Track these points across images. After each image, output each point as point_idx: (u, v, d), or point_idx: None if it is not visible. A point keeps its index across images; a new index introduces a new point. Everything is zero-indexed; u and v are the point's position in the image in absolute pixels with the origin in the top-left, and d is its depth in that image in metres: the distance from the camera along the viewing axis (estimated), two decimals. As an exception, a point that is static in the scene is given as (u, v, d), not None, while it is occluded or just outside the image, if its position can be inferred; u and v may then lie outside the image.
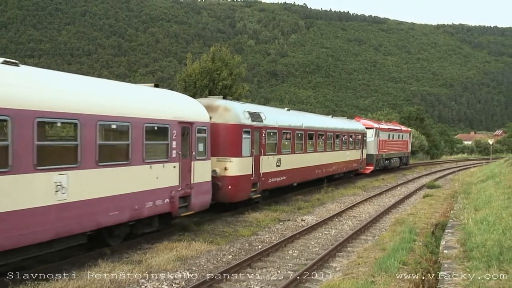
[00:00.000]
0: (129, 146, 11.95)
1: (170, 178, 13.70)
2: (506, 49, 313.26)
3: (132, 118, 12.03)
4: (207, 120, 15.80)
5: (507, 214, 12.27)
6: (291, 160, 22.75)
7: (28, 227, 9.20)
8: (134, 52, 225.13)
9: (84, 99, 10.82)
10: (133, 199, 12.03)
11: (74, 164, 10.28)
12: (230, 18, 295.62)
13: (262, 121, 19.59)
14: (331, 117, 33.54)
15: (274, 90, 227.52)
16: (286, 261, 12.25)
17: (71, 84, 11.08)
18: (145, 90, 13.98)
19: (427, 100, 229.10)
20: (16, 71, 9.63)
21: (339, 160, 30.54)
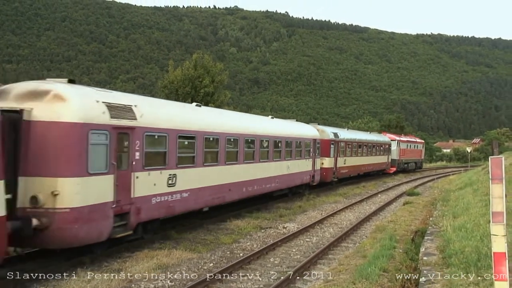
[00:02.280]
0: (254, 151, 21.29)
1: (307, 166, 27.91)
2: (483, 59, 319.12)
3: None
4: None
5: (484, 221, 12.45)
6: (355, 160, 38.38)
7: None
8: (115, 59, 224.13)
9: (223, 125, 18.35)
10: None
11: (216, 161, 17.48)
12: (212, 25, 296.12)
13: (338, 137, 34.10)
14: (369, 133, 49.55)
15: (256, 98, 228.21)
16: (268, 268, 12.25)
17: (218, 116, 19.47)
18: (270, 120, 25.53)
19: (407, 109, 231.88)
20: (199, 109, 17.82)
21: (375, 162, 45.11)
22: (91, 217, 11.09)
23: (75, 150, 10.92)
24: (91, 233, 11.25)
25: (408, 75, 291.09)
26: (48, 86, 11.21)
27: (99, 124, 11.41)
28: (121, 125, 12.21)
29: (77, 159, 10.90)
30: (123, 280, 10.50)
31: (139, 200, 12.91)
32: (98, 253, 12.33)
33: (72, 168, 10.79)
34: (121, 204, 12.13)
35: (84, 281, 10.19)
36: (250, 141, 20.62)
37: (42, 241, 10.55)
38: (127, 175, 12.47)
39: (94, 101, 11.61)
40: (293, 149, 25.48)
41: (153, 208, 13.61)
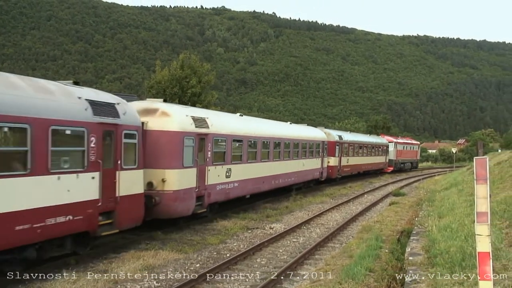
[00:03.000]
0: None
1: (317, 164, 32.66)
2: (468, 61, 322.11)
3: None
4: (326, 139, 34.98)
5: (469, 221, 12.56)
6: (356, 160, 43.00)
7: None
8: (101, 58, 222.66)
9: (259, 131, 23.35)
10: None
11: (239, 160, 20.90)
12: (199, 25, 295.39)
13: (342, 139, 39.08)
14: (369, 135, 54.21)
15: (243, 98, 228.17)
16: (254, 269, 12.26)
17: (255, 123, 24.70)
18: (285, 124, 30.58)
19: (393, 109, 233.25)
20: (242, 118, 23.43)
21: (374, 161, 50.05)
22: (184, 197, 15.95)
23: (176, 150, 15.71)
24: (183, 208, 16.13)
25: (395, 76, 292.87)
26: (156, 105, 16.07)
27: (189, 132, 16.33)
28: (201, 132, 17.11)
29: (177, 156, 15.72)
30: (109, 281, 10.45)
31: (210, 187, 17.83)
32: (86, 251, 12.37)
33: (174, 163, 15.56)
34: (200, 189, 16.99)
35: (69, 282, 10.13)
36: (277, 143, 25.55)
37: (155, 213, 15.08)
38: (203, 169, 17.39)
39: (185, 116, 16.53)
40: (307, 150, 30.41)
41: (217, 193, 18.67)
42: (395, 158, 56.77)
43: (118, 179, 12.72)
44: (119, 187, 12.76)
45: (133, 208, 13.38)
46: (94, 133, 11.75)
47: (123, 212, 12.82)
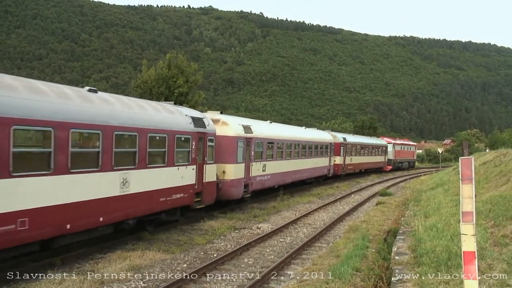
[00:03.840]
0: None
1: (326, 162, 37.94)
2: (454, 62, 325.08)
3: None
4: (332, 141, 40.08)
5: (454, 221, 12.67)
6: (358, 159, 48.39)
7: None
8: (88, 58, 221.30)
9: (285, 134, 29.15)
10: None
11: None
12: (187, 25, 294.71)
13: (346, 141, 44.43)
14: (370, 137, 60.46)
15: (231, 98, 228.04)
16: (242, 269, 12.24)
17: (281, 128, 30.81)
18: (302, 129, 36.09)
19: (379, 110, 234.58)
20: (272, 124, 29.77)
21: (375, 161, 55.82)
22: (237, 185, 21.56)
23: (232, 150, 21.18)
24: (236, 193, 21.68)
25: (381, 76, 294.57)
26: (218, 117, 21.51)
27: (241, 136, 21.89)
28: (248, 137, 22.65)
29: (233, 154, 21.19)
30: (95, 282, 10.37)
31: (252, 178, 23.42)
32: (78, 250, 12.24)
33: (231, 159, 21.08)
34: (246, 179, 22.58)
35: (55, 282, 10.03)
36: (296, 145, 30.86)
37: (219, 195, 20.21)
38: (249, 164, 22.92)
39: (238, 124, 22.27)
40: (318, 150, 35.85)
41: (257, 183, 24.25)
42: (393, 158, 62.56)
43: (204, 170, 18.41)
44: (205, 176, 18.45)
45: (212, 190, 19.28)
46: (194, 139, 17.46)
47: (206, 193, 18.68)
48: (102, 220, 12.57)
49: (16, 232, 9.64)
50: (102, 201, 12.43)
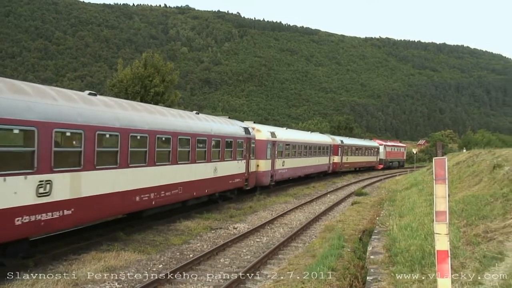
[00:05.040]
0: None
1: (326, 161, 45.61)
2: (428, 63, 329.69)
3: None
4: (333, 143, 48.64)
5: (428, 220, 12.82)
6: (353, 158, 55.80)
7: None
8: (62, 56, 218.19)
9: (298, 137, 38.16)
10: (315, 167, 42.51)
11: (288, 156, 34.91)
12: (163, 24, 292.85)
13: (343, 143, 51.57)
14: (363, 140, 70.89)
15: (207, 98, 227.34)
16: (218, 269, 12.21)
17: (295, 133, 40.31)
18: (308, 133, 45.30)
19: (356, 110, 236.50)
20: (288, 130, 39.70)
21: (368, 160, 63.74)
22: (266, 174, 29.34)
23: (264, 149, 28.91)
24: (266, 181, 29.54)
25: (357, 77, 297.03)
26: (253, 125, 29.14)
27: (269, 140, 29.67)
28: (273, 140, 30.44)
29: (264, 153, 28.90)
30: (69, 283, 10.23)
31: (276, 171, 31.26)
32: (41, 253, 12.06)
33: (263, 156, 28.66)
34: (272, 171, 30.23)
35: (27, 284, 9.86)
36: (305, 146, 38.57)
37: (255, 182, 27.76)
38: (273, 160, 30.62)
39: (267, 131, 30.19)
40: (320, 150, 43.45)
41: (279, 174, 32.14)
42: (384, 158, 70.54)
43: (250, 164, 26.49)
44: (250, 167, 26.53)
45: (253, 178, 27.57)
46: (245, 142, 25.77)
47: (251, 179, 27.04)
48: (206, 192, 21.13)
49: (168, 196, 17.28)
50: (206, 180, 20.82)
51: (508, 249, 8.67)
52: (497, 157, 21.15)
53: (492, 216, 11.35)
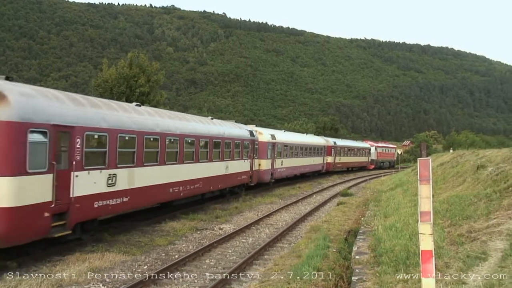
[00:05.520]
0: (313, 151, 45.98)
1: (321, 161, 48.91)
2: (413, 64, 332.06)
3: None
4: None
5: (413, 221, 12.90)
6: (345, 159, 59.31)
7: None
8: (46, 56, 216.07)
9: (300, 140, 42.84)
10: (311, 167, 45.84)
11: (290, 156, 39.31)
12: (148, 24, 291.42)
13: (336, 144, 54.72)
14: (356, 141, 73.59)
15: (193, 98, 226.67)
16: (203, 270, 12.17)
17: (296, 136, 44.30)
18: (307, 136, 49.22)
19: (341, 111, 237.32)
20: (285, 132, 41.95)
21: (359, 160, 67.25)
22: (267, 173, 32.75)
23: (265, 150, 31.84)
24: (267, 178, 32.86)
25: (343, 78, 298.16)
26: (256, 128, 32.20)
27: (269, 141, 32.71)
28: (273, 141, 33.31)
29: (265, 153, 31.84)
30: (53, 284, 10.14)
31: (275, 169, 33.94)
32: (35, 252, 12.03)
33: (264, 156, 31.74)
34: (272, 170, 33.38)
35: (10, 286, 9.76)
36: (301, 147, 41.56)
37: (258, 179, 31.24)
38: (273, 160, 33.36)
39: (268, 134, 33.30)
40: (315, 151, 46.80)
41: (278, 173, 34.97)
42: (376, 158, 73.78)
43: (253, 162, 29.70)
44: (253, 166, 29.57)
45: (256, 175, 30.66)
46: (250, 144, 28.85)
47: (254, 177, 30.26)
48: (220, 186, 24.43)
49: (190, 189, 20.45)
50: (221, 176, 24.23)
51: (492, 249, 8.76)
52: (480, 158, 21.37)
53: (475, 216, 11.46)
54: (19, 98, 11.07)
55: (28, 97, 11.52)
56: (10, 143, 10.68)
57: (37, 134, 11.27)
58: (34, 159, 11.12)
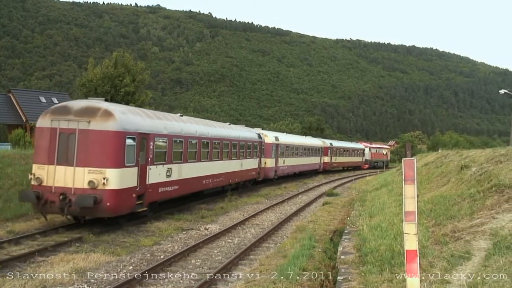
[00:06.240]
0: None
1: (318, 160, 54.62)
2: (398, 65, 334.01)
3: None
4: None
5: (398, 220, 12.98)
6: (341, 159, 64.97)
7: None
8: (30, 55, 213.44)
9: (299, 142, 48.30)
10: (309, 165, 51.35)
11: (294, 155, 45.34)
12: (134, 23, 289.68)
13: (332, 145, 61.18)
14: (350, 142, 79.06)
15: (179, 98, 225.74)
16: (189, 270, 12.14)
17: (295, 137, 50.20)
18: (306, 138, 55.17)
19: (327, 111, 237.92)
20: (287, 135, 48.60)
21: (354, 160, 72.01)
22: (271, 170, 38.36)
23: (270, 150, 37.20)
24: (271, 174, 38.30)
25: (328, 78, 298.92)
26: (262, 132, 37.99)
27: (274, 143, 38.00)
28: (277, 143, 38.67)
29: (270, 153, 37.23)
30: (37, 285, 10.07)
31: (279, 167, 39.57)
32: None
33: (269, 156, 36.98)
34: (275, 167, 38.46)
35: (-7, 288, 9.64)
36: (301, 148, 46.60)
37: (263, 175, 36.46)
38: (277, 159, 38.59)
39: (273, 136, 38.82)
40: (313, 151, 51.85)
41: (280, 171, 40.06)
42: (370, 158, 78.49)
43: (260, 161, 34.41)
44: (260, 163, 34.22)
45: (262, 172, 35.13)
46: (258, 145, 33.83)
47: (261, 173, 35.07)
48: (236, 180, 29.23)
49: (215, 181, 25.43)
50: (235, 172, 28.77)
51: (475, 249, 8.85)
52: (464, 158, 21.56)
53: (459, 216, 11.56)
54: (120, 115, 16.11)
55: (124, 113, 16.56)
56: (116, 146, 15.64)
57: (130, 139, 16.21)
58: (128, 157, 16.12)
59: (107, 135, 15.43)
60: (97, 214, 15.67)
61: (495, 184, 12.56)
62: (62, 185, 15.35)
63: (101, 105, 16.09)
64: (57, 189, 15.33)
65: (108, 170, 15.28)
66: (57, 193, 15.23)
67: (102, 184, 15.15)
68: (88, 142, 15.34)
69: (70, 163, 15.38)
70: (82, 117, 15.53)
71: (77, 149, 15.36)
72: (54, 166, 15.48)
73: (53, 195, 15.25)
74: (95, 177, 15.19)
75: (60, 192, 15.20)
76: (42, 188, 15.42)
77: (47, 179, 15.49)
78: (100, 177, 15.18)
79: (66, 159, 15.45)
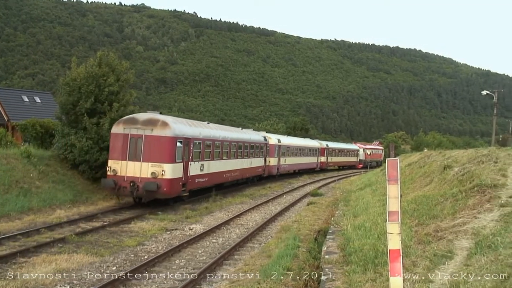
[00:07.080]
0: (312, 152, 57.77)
1: (315, 160, 59.56)
2: (382, 66, 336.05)
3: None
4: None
5: (382, 220, 13.06)
6: (336, 159, 69.79)
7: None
8: (12, 53, 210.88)
9: (296, 143, 52.63)
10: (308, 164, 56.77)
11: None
12: (118, 22, 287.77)
13: (328, 146, 66.47)
14: (346, 144, 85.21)
15: (163, 98, 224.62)
16: (173, 270, 12.09)
17: (293, 139, 54.59)
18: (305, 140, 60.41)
19: (311, 111, 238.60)
20: (288, 137, 53.22)
21: (349, 160, 76.25)
22: (274, 168, 44.20)
23: (273, 151, 42.41)
24: (274, 172, 44.07)
25: (313, 79, 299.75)
26: (266, 134, 44.11)
27: (276, 144, 43.37)
28: (279, 144, 44.20)
29: (273, 153, 42.40)
30: (19, 287, 9.97)
31: (280, 165, 44.88)
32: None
33: (272, 155, 42.19)
34: (277, 166, 44.09)
35: (-27, 290, 9.51)
36: (299, 148, 51.34)
37: (268, 172, 42.20)
38: (279, 158, 44.13)
39: (276, 138, 44.45)
40: (312, 152, 56.84)
41: (282, 168, 46.15)
42: (364, 158, 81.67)
43: (266, 160, 40.11)
44: (266, 163, 40.08)
45: (267, 169, 40.83)
46: (264, 146, 39.40)
47: (266, 170, 40.50)
48: (247, 176, 35.06)
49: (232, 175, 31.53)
50: (246, 169, 34.29)
51: (457, 248, 8.93)
52: (447, 158, 21.77)
53: (442, 216, 11.66)
54: (173, 124, 21.94)
55: (175, 123, 22.45)
56: (171, 147, 21.24)
57: (179, 142, 21.77)
58: (178, 155, 21.72)
59: (165, 139, 21.08)
60: (157, 196, 21.05)
61: (477, 184, 12.69)
62: (132, 175, 20.92)
63: (159, 117, 21.99)
64: (128, 178, 20.88)
65: (165, 164, 20.85)
66: (128, 181, 20.78)
67: (161, 175, 20.66)
68: (151, 144, 20.91)
69: (138, 159, 21.02)
70: (147, 126, 21.27)
71: (143, 149, 20.97)
72: (126, 161, 21.15)
73: (125, 182, 20.82)
74: (156, 169, 20.73)
75: (130, 180, 20.74)
76: (117, 178, 20.93)
77: (121, 170, 21.08)
78: (160, 170, 20.70)
79: (135, 156, 21.09)
